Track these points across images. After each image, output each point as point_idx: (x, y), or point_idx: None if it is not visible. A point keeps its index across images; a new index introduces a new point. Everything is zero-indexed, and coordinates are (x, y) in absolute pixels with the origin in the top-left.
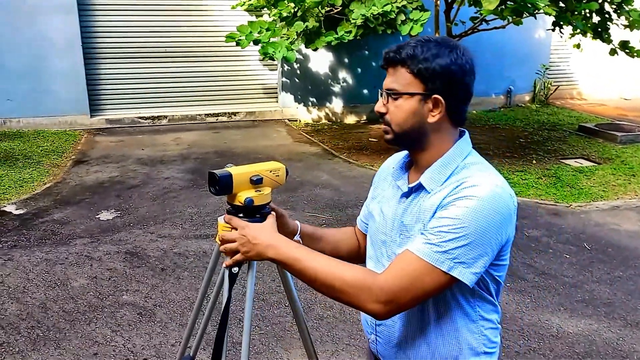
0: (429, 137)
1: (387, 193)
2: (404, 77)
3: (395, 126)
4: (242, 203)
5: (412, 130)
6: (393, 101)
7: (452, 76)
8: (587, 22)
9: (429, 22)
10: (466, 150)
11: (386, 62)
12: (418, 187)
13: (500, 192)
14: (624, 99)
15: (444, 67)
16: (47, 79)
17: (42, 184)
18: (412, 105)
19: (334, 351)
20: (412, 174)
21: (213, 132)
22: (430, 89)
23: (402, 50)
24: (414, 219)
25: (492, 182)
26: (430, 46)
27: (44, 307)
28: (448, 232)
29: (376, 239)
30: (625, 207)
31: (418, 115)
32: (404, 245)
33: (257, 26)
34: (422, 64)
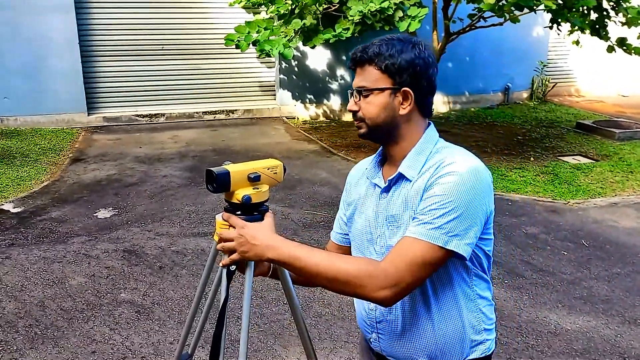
0: (401, 129)
1: (363, 196)
2: (372, 74)
3: (369, 120)
4: (240, 201)
5: (385, 123)
6: (364, 98)
7: (418, 69)
8: (585, 18)
9: (427, 19)
10: (435, 138)
11: (353, 62)
12: (397, 178)
13: (476, 165)
14: (622, 96)
15: (409, 61)
16: (44, 77)
17: (39, 182)
18: (383, 100)
19: (333, 348)
20: (386, 170)
21: (211, 130)
22: (398, 83)
23: (368, 50)
24: (402, 208)
25: (466, 158)
26: (394, 43)
27: (42, 305)
28: (437, 209)
29: (361, 241)
30: (623, 204)
31: (389, 109)
32: (396, 235)
33: (255, 25)
34: (388, 60)
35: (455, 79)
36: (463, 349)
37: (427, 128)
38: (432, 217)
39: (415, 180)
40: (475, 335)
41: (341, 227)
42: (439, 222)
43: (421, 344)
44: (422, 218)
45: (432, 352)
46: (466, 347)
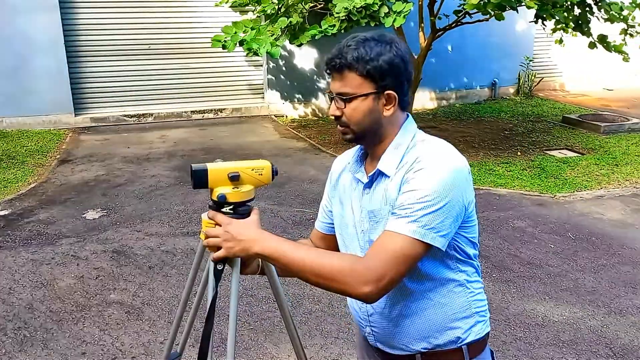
0: (385, 129)
1: (347, 189)
2: (353, 80)
3: (354, 126)
4: (216, 199)
5: (370, 126)
6: (348, 104)
7: (398, 69)
8: (569, 14)
9: (413, 16)
10: (412, 130)
11: (331, 68)
12: (377, 174)
13: (451, 155)
14: (607, 90)
15: (389, 62)
16: (30, 78)
17: (26, 184)
18: (367, 105)
19: (323, 345)
20: (368, 165)
21: (199, 129)
22: (381, 86)
23: (346, 55)
24: (381, 203)
25: (442, 151)
26: (371, 45)
27: (30, 307)
28: (414, 203)
29: (346, 234)
30: (609, 197)
31: (374, 112)
32: (376, 230)
33: (242, 26)
34: (369, 64)
35: (442, 75)
36: (457, 333)
37: (405, 121)
38: (409, 211)
39: (394, 175)
40: (468, 319)
41: (325, 217)
42: (415, 216)
43: (414, 332)
44: (400, 212)
45: (426, 338)
46: (460, 330)
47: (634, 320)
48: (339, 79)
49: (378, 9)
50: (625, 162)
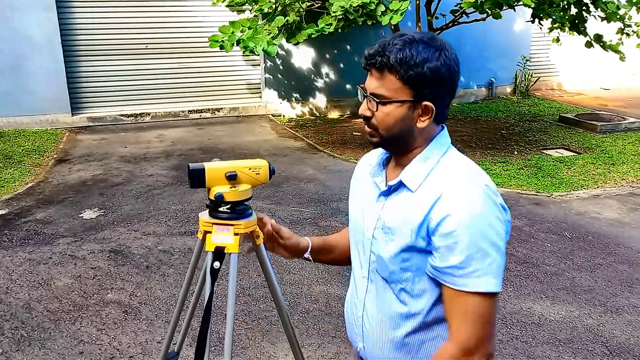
0: (415, 139)
1: (365, 191)
2: (392, 83)
3: (383, 131)
4: (214, 198)
5: (400, 135)
6: (381, 106)
7: (442, 80)
8: (565, 14)
9: (410, 15)
10: (445, 145)
11: (371, 65)
12: (399, 185)
13: (487, 187)
14: (604, 89)
15: (435, 71)
16: (27, 77)
17: (24, 183)
18: (401, 112)
19: (320, 344)
20: (390, 171)
21: (197, 128)
22: (420, 96)
23: (389, 54)
24: (400, 220)
25: (477, 186)
26: (418, 49)
27: (28, 307)
28: (468, 259)
29: (356, 238)
30: (605, 196)
31: (407, 121)
32: (389, 246)
33: (239, 25)
34: (412, 70)
35: None
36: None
37: (439, 133)
38: (467, 269)
39: (416, 190)
40: None
41: None
42: (475, 269)
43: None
44: (458, 272)
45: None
46: None
47: (630, 319)
48: (377, 77)
49: (375, 7)
50: (622, 162)
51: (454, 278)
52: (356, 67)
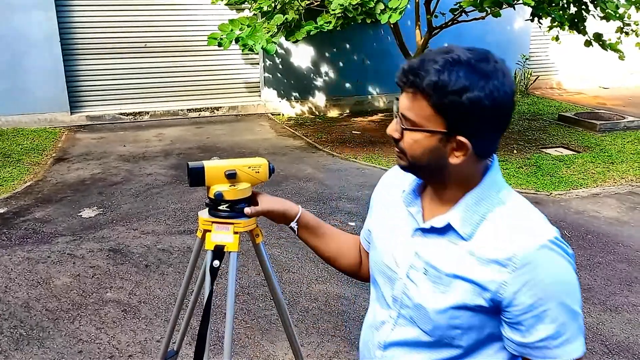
0: (450, 174)
1: (396, 220)
2: (423, 109)
3: (411, 158)
4: (213, 196)
5: (430, 166)
6: (409, 131)
7: (483, 113)
8: (564, 12)
9: (409, 14)
10: (499, 184)
11: (403, 83)
12: (447, 229)
13: (561, 244)
14: (603, 88)
15: (475, 102)
16: (25, 76)
17: (22, 182)
18: (430, 143)
19: (320, 342)
20: (428, 203)
21: (196, 127)
22: (454, 128)
23: (424, 75)
24: (451, 271)
25: (551, 241)
26: (459, 73)
27: (26, 306)
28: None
29: (380, 271)
30: (605, 195)
31: (438, 154)
32: (437, 298)
33: (238, 23)
34: (447, 98)
35: None
36: None
37: (490, 170)
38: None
39: (471, 239)
40: None
41: (367, 235)
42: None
43: None
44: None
45: None
46: None
47: (629, 318)
48: (409, 98)
49: (374, 5)
50: (621, 160)
51: (548, 351)
52: (355, 66)
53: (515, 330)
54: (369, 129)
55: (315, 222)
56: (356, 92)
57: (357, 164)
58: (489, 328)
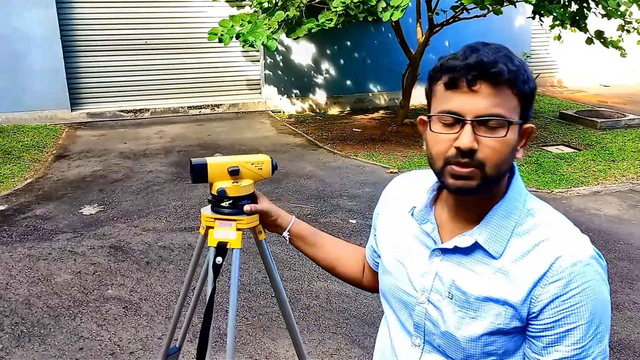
0: (505, 177)
1: (405, 238)
2: (511, 100)
3: (492, 169)
4: (216, 193)
5: (505, 171)
6: (491, 132)
7: (534, 99)
8: (566, 10)
9: (410, 12)
10: (524, 191)
11: (481, 77)
12: (474, 248)
13: (598, 260)
14: (604, 86)
15: (535, 87)
16: (26, 73)
17: (23, 179)
18: (515, 139)
19: (321, 340)
20: (446, 220)
21: (196, 124)
22: (525, 117)
23: (503, 66)
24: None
25: (588, 256)
26: (515, 59)
27: (27, 303)
28: (587, 347)
29: (395, 297)
30: (606, 192)
31: (514, 152)
32: (467, 324)
33: (239, 19)
34: (527, 84)
35: None
36: None
37: (514, 177)
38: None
39: (501, 257)
40: None
41: (371, 254)
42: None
43: None
44: (583, 359)
45: None
46: None
47: (630, 315)
48: (488, 94)
49: (375, 3)
50: (622, 158)
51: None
52: (356, 64)
53: (533, 345)
54: (370, 127)
55: (310, 231)
56: (357, 90)
57: (358, 162)
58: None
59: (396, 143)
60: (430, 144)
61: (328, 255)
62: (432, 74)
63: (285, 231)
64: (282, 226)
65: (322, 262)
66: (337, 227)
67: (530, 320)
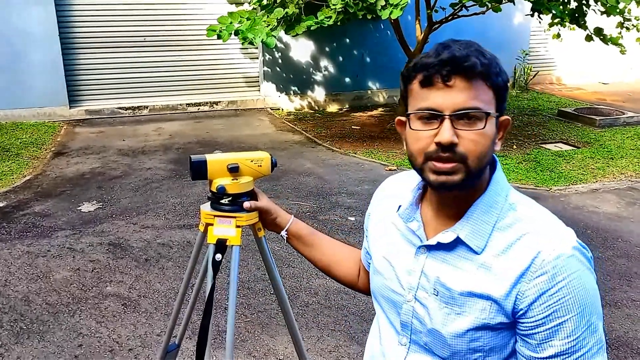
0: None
1: (394, 238)
2: (485, 93)
3: (474, 161)
4: (215, 190)
5: (486, 164)
6: (470, 126)
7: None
8: (565, 8)
9: (409, 9)
10: (505, 185)
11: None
12: (456, 243)
13: (583, 251)
14: (602, 84)
15: (507, 81)
16: (25, 70)
17: (21, 176)
18: (493, 131)
19: (320, 337)
20: (431, 218)
21: (195, 121)
22: (501, 109)
23: (476, 60)
24: (465, 289)
25: (572, 248)
26: (486, 53)
27: (26, 300)
28: (578, 340)
29: (384, 296)
30: (604, 190)
31: (493, 144)
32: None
33: (237, 16)
34: (500, 76)
35: None
36: None
37: (495, 171)
38: (583, 350)
39: (483, 252)
40: None
41: (365, 256)
42: (587, 346)
43: None
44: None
45: None
46: None
47: (628, 313)
48: (464, 88)
49: (375, 1)
50: (621, 156)
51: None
52: (355, 61)
53: (527, 343)
54: (369, 124)
55: (308, 231)
56: (356, 87)
57: (357, 159)
58: (513, 346)
59: (395, 140)
60: (410, 142)
61: (324, 256)
62: (406, 74)
63: (284, 230)
64: (281, 225)
65: (319, 262)
66: (335, 225)
67: (520, 319)
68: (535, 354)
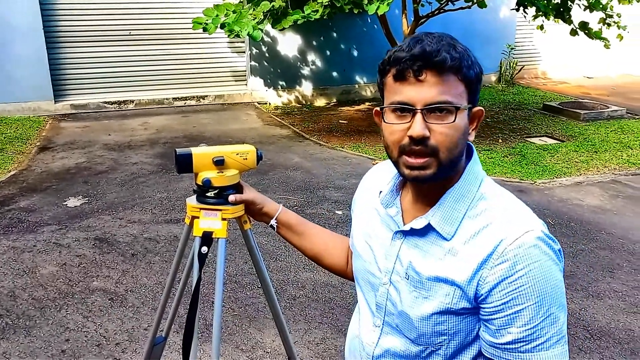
0: (461, 160)
1: (374, 223)
2: (456, 86)
3: (444, 154)
4: (200, 183)
5: (459, 155)
6: (441, 119)
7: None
8: (549, 2)
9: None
10: (479, 175)
11: (423, 66)
12: (427, 230)
13: (548, 241)
14: (587, 78)
15: (480, 73)
16: (8, 64)
17: (6, 171)
18: (465, 123)
19: (307, 330)
20: (409, 205)
21: (182, 116)
22: (473, 101)
23: (446, 53)
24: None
25: (536, 237)
26: (459, 46)
27: (12, 295)
28: (536, 329)
29: (363, 279)
30: (588, 183)
31: (465, 135)
32: (420, 304)
33: (224, 9)
34: (472, 69)
35: None
36: None
37: (470, 161)
38: (540, 339)
39: (452, 239)
40: None
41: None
42: (547, 336)
43: None
44: (529, 344)
45: None
46: None
47: (611, 304)
48: (435, 83)
49: None
50: (604, 149)
51: (517, 354)
52: (342, 55)
53: (487, 328)
54: (356, 118)
55: (297, 220)
56: (343, 81)
57: (344, 153)
58: (478, 331)
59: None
60: (386, 134)
61: (314, 246)
62: (382, 67)
63: (273, 219)
64: (269, 214)
65: (309, 252)
66: (323, 218)
67: (481, 304)
68: (494, 339)
